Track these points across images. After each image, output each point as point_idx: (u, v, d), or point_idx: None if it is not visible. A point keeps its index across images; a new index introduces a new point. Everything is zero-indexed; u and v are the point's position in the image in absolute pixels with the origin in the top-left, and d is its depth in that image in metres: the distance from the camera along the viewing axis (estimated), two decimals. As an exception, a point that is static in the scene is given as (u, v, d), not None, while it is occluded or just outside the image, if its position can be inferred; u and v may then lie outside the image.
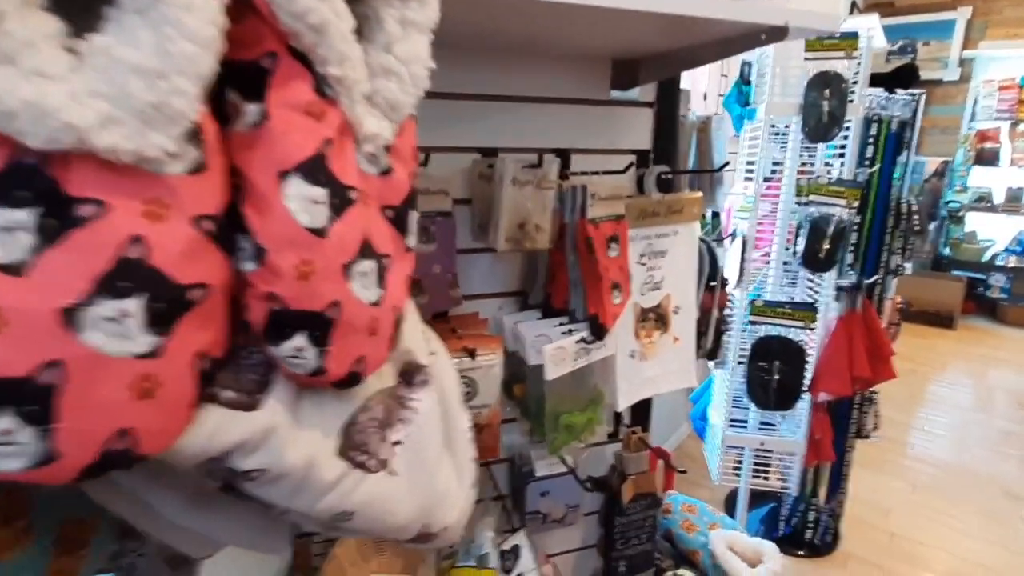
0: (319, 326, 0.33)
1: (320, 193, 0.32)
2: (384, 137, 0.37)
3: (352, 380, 0.36)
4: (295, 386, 0.35)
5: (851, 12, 4.71)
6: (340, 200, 0.33)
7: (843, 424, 1.75)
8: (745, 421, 1.69)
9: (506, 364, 0.98)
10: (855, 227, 1.50)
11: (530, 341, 0.88)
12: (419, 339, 0.46)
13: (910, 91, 1.81)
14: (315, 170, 0.32)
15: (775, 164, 1.54)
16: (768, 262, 1.65)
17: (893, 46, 4.91)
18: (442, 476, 0.45)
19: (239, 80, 0.31)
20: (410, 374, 0.44)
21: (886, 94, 1.71)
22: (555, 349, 0.82)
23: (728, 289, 1.56)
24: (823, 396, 1.48)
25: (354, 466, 0.38)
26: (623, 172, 0.80)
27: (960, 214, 4.41)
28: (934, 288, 4.09)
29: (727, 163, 1.25)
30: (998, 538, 1.99)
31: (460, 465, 0.48)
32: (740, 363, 1.61)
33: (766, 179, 1.54)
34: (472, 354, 0.78)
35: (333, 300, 0.33)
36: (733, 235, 1.54)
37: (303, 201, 0.31)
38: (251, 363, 0.33)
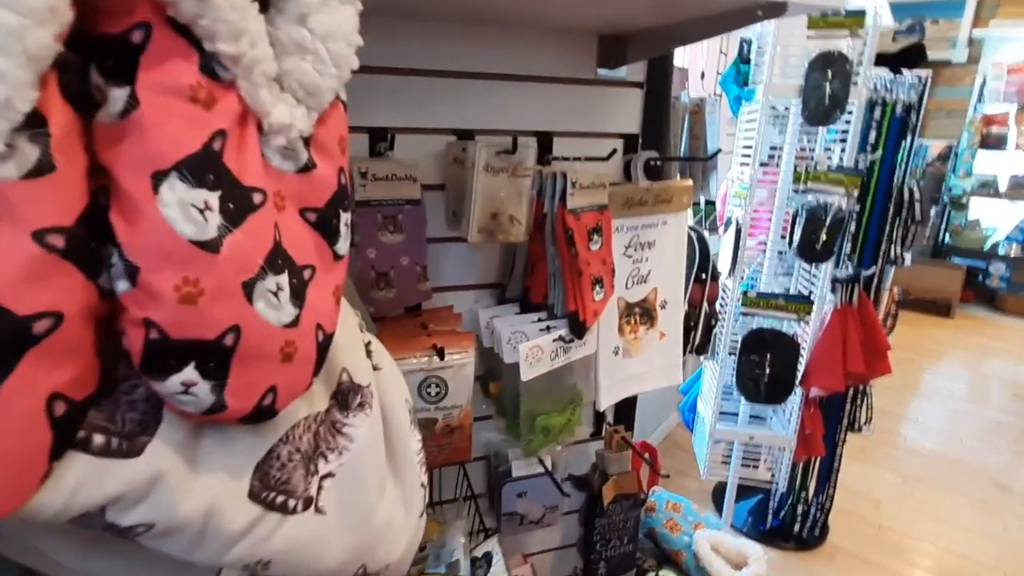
0: (213, 356, 0.28)
1: (209, 197, 0.26)
2: (299, 127, 0.31)
3: (261, 415, 0.31)
4: (191, 423, 0.30)
5: (859, -11, 4.57)
6: (239, 204, 0.28)
7: (835, 417, 1.72)
8: (735, 413, 1.66)
9: (482, 360, 0.93)
10: (854, 216, 1.44)
11: (506, 338, 0.83)
12: (358, 354, 0.41)
13: (916, 72, 1.73)
14: (202, 169, 0.26)
15: (773, 148, 1.47)
16: (763, 250, 1.59)
17: (900, 24, 4.78)
18: (384, 509, 0.40)
19: (103, 59, 0.25)
20: (346, 396, 0.39)
21: (891, 75, 1.63)
22: (531, 348, 0.77)
23: (721, 279, 1.51)
24: (815, 391, 1.44)
25: (270, 509, 0.33)
26: (606, 159, 0.74)
27: (963, 200, 4.34)
28: (933, 276, 4.04)
29: (719, 150, 1.19)
30: (987, 532, 1.97)
31: (408, 493, 0.44)
32: (731, 354, 1.56)
33: (763, 164, 1.48)
34: (441, 354, 0.73)
35: (230, 325, 0.28)
36: (728, 223, 1.48)
37: (185, 208, 0.26)
38: (132, 399, 0.28)
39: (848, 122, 1.41)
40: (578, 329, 0.79)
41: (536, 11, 0.74)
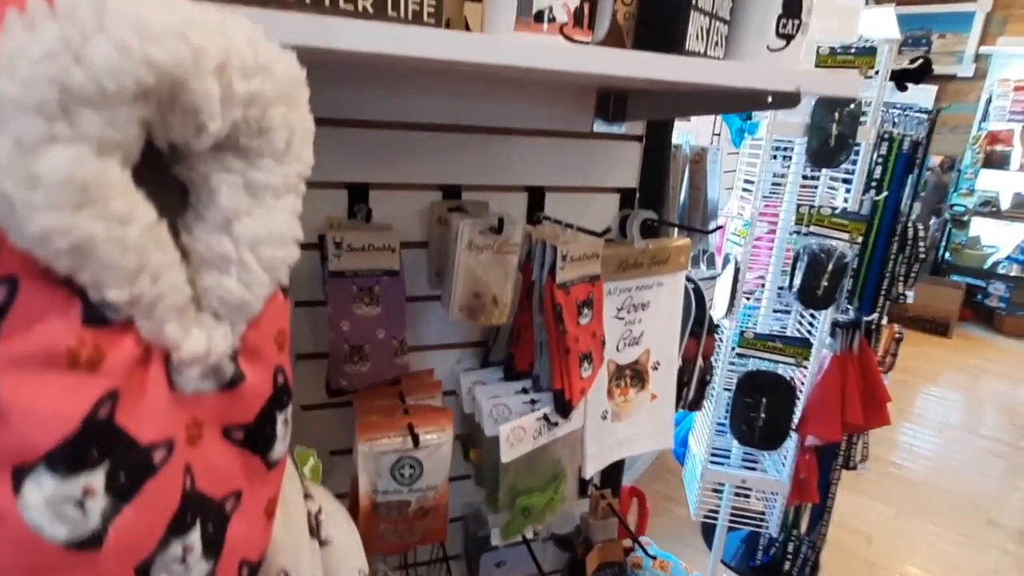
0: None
1: (91, 480, 0.21)
2: (219, 351, 0.26)
3: None
4: None
5: (866, 2, 4.51)
6: (133, 472, 0.22)
7: (830, 456, 1.68)
8: (728, 451, 1.62)
9: (463, 423, 0.89)
10: (856, 260, 1.40)
11: (487, 409, 0.78)
12: (300, 547, 0.36)
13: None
14: (83, 448, 0.21)
15: (775, 176, 1.42)
16: (762, 284, 1.55)
17: (907, 37, 4.72)
18: None
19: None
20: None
21: (899, 110, 1.58)
22: (513, 429, 0.73)
23: (716, 317, 1.46)
24: (811, 440, 1.40)
25: None
26: (601, 235, 0.69)
27: (964, 218, 4.29)
28: (932, 294, 4.01)
29: (720, 226, 1.14)
30: (979, 569, 1.95)
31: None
32: (726, 390, 1.52)
33: (764, 197, 1.43)
34: (416, 440, 0.69)
35: None
36: (726, 260, 1.43)
37: (56, 506, 0.21)
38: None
39: (854, 163, 1.36)
40: (564, 408, 0.75)
41: (525, 77, 0.69)
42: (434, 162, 0.80)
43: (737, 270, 1.38)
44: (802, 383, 1.46)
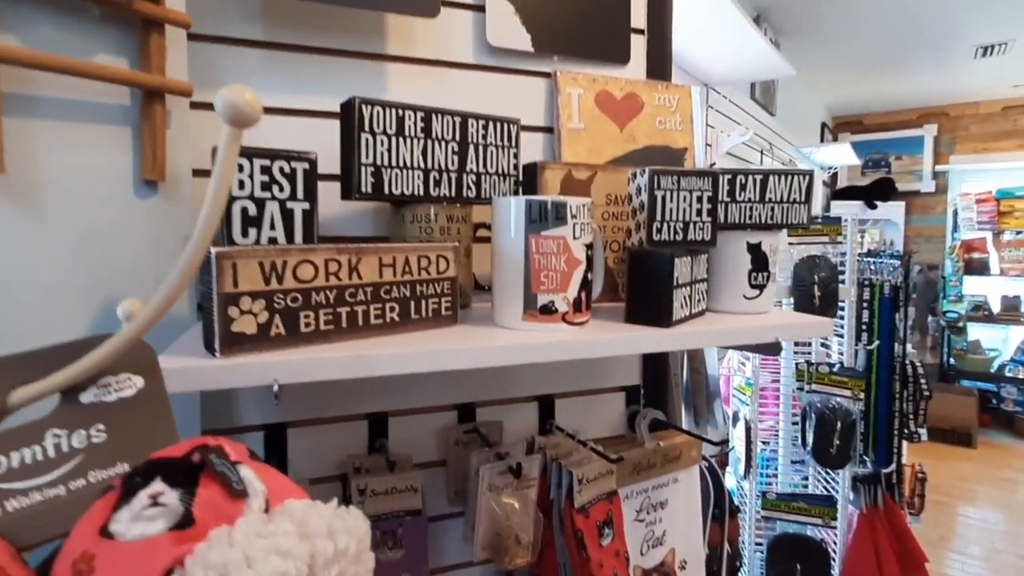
0: None
1: None
2: None
3: None
4: None
5: (822, 136, 4.96)
6: None
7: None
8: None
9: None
10: (863, 414, 1.42)
11: (516, 642, 0.76)
12: None
13: (892, 203, 1.80)
14: None
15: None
16: (775, 434, 1.55)
17: (867, 160, 5.12)
18: None
19: None
20: None
21: (873, 259, 1.69)
22: (544, 671, 0.70)
23: (736, 480, 1.44)
24: (855, 610, 1.32)
25: None
26: (614, 462, 0.72)
27: (959, 324, 4.36)
28: (946, 403, 3.95)
29: (726, 440, 1.19)
30: None
31: None
32: (757, 549, 1.46)
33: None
34: None
35: None
36: (735, 418, 1.45)
37: None
38: None
39: (842, 317, 1.43)
40: (594, 640, 0.72)
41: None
42: (448, 385, 0.84)
43: (749, 429, 1.39)
44: (834, 543, 1.41)
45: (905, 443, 1.68)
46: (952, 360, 4.39)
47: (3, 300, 0.48)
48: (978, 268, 4.37)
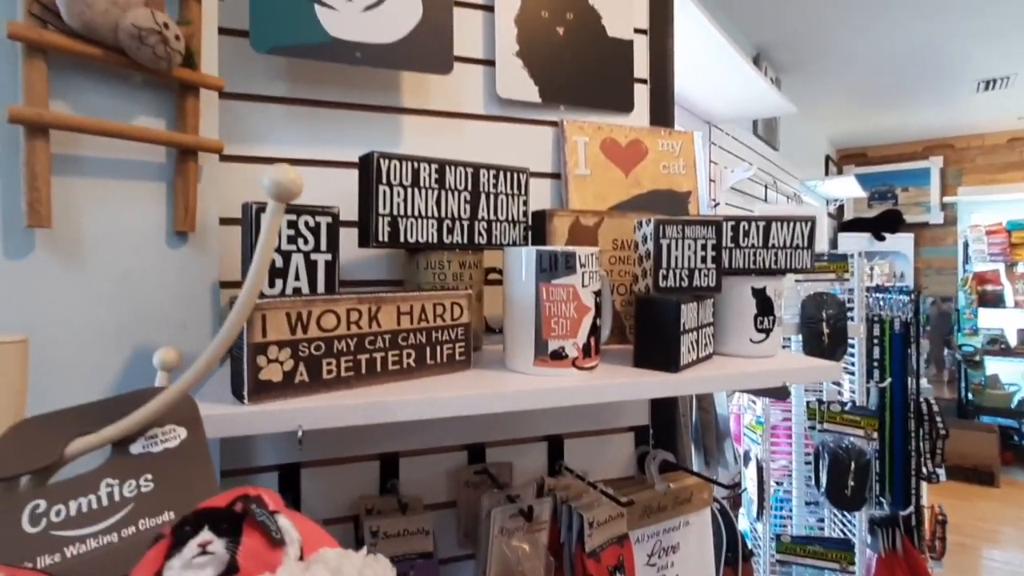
0: None
1: None
2: None
3: None
4: None
5: (826, 169, 5.00)
6: None
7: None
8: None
9: None
10: (877, 454, 1.40)
11: None
12: None
13: (900, 235, 1.80)
14: None
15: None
16: (788, 474, 1.53)
17: (873, 193, 5.14)
18: None
19: None
20: None
21: (882, 295, 1.70)
22: None
23: (749, 522, 1.42)
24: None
25: None
26: (625, 505, 0.72)
27: (976, 358, 4.30)
28: (968, 440, 3.86)
29: (738, 483, 1.19)
30: None
31: None
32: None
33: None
34: None
35: None
36: (747, 458, 1.43)
37: None
38: None
39: (852, 355, 1.43)
40: None
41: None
42: (458, 425, 0.86)
43: (761, 469, 1.38)
44: (852, 588, 1.37)
45: (924, 483, 1.65)
46: (970, 395, 4.31)
47: (47, 344, 0.51)
48: (992, 301, 4.33)
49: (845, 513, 1.44)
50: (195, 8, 0.58)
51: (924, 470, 1.63)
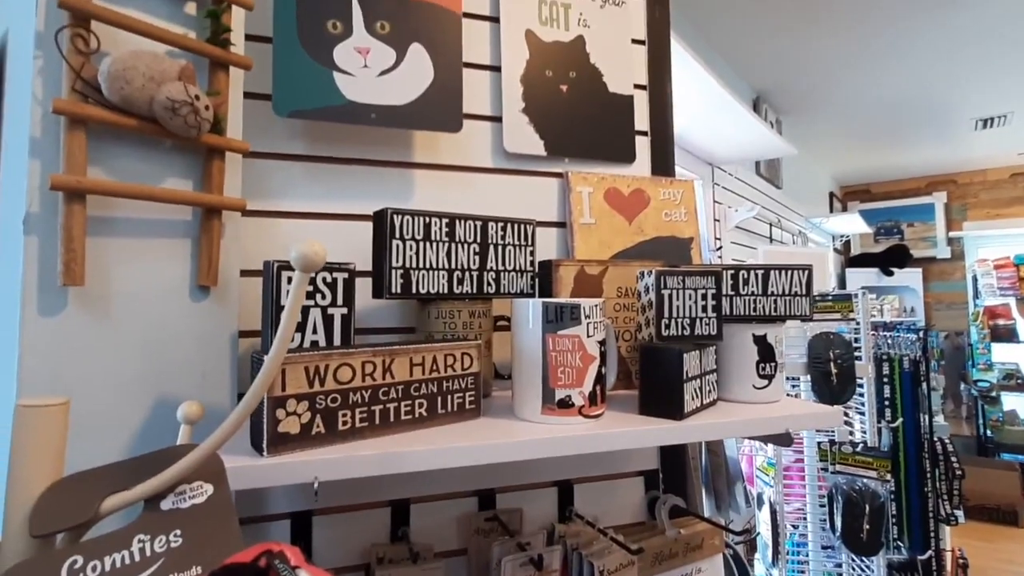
0: None
1: None
2: None
3: None
4: None
5: (831, 206, 5.05)
6: None
7: None
8: None
9: None
10: (892, 496, 1.38)
11: None
12: None
13: (908, 270, 1.80)
14: None
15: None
16: (803, 516, 1.50)
17: (879, 228, 5.17)
18: None
19: None
20: None
21: (889, 333, 1.70)
22: None
23: (765, 568, 1.39)
24: None
25: None
26: (635, 553, 0.72)
27: (992, 394, 4.22)
28: (987, 478, 3.76)
29: (748, 529, 1.19)
30: None
31: None
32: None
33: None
34: None
35: None
36: (759, 501, 1.41)
37: None
38: None
39: (862, 395, 1.42)
40: None
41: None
42: (468, 472, 0.86)
43: (774, 512, 1.36)
44: (874, 637, 1.33)
45: (943, 526, 1.62)
46: (989, 432, 4.22)
47: (77, 397, 0.53)
48: (1005, 335, 4.28)
49: (863, 558, 1.41)
50: (223, 79, 0.63)
51: (943, 512, 1.59)
